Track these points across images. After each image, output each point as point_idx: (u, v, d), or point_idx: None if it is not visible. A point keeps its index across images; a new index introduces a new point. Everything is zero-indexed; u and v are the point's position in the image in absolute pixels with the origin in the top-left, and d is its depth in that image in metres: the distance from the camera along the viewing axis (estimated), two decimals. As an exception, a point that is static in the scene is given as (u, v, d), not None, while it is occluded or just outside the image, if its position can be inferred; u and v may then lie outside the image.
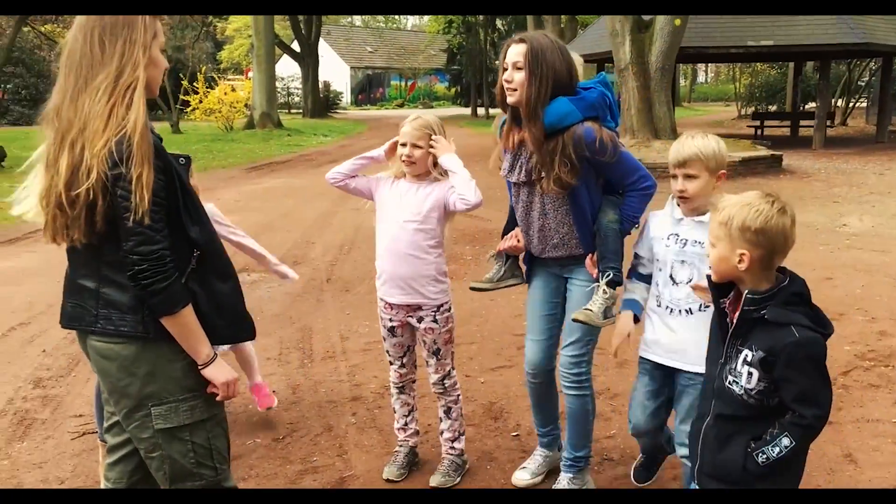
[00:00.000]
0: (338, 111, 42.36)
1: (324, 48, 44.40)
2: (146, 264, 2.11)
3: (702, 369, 2.66)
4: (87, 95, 2.14)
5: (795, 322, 2.19)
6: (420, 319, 3.57)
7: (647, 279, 3.15)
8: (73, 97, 2.16)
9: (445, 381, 3.68)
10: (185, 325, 2.21)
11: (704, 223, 2.84)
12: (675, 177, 2.96)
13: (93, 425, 4.06)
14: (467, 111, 40.41)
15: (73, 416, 4.37)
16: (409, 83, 52.68)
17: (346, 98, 49.59)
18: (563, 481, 3.50)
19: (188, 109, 27.80)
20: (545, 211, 3.28)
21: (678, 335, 2.97)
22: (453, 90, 43.67)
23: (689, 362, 2.94)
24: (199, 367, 2.28)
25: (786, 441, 2.20)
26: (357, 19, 57.66)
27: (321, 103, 38.75)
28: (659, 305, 3.05)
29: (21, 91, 36.13)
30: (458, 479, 3.65)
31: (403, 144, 3.49)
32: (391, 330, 3.66)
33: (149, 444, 2.30)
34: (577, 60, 3.23)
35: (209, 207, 4.00)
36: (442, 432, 3.74)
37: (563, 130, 3.09)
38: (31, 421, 4.33)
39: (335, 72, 49.47)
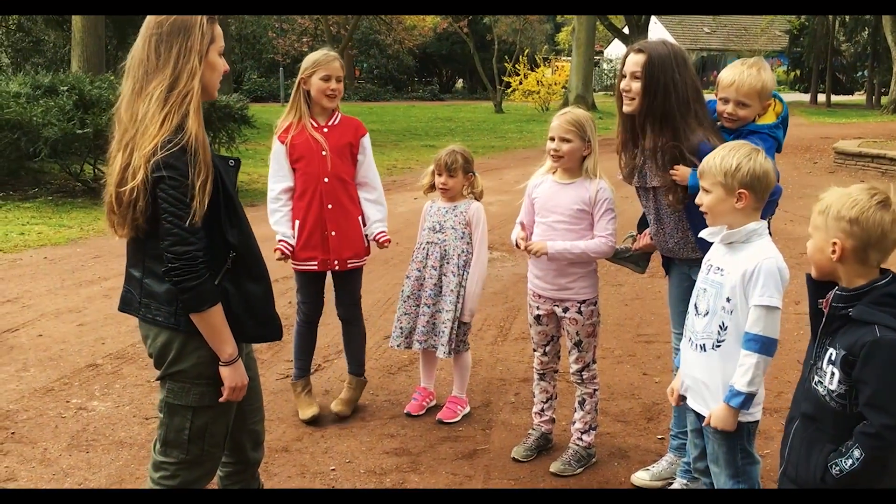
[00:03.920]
0: (664, 94, 41.41)
1: (658, 30, 43.58)
2: (179, 263, 2.28)
3: (705, 410, 2.55)
4: (141, 100, 2.30)
5: (880, 322, 2.10)
6: (565, 310, 3.70)
7: None
8: (130, 101, 2.34)
9: (584, 373, 3.77)
10: (212, 324, 2.37)
11: (734, 250, 2.63)
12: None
13: (299, 370, 4.71)
14: (806, 97, 37.31)
15: (287, 360, 5.09)
16: (748, 66, 49.74)
17: (677, 81, 48.22)
18: (676, 486, 3.44)
19: (509, 91, 29.07)
20: (660, 216, 3.31)
21: (692, 371, 2.74)
22: (791, 74, 40.56)
23: (699, 401, 2.73)
24: (220, 365, 2.43)
25: (857, 453, 2.11)
26: (697, -1, 55.42)
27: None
28: (685, 333, 2.86)
29: (373, 70, 40.26)
30: (580, 470, 3.73)
31: (552, 139, 3.62)
32: (537, 318, 3.82)
33: (160, 405, 2.54)
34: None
35: (475, 207, 4.25)
36: (574, 422, 3.84)
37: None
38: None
39: (667, 54, 48.24)
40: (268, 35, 33.19)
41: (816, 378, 2.23)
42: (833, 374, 2.17)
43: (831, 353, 2.19)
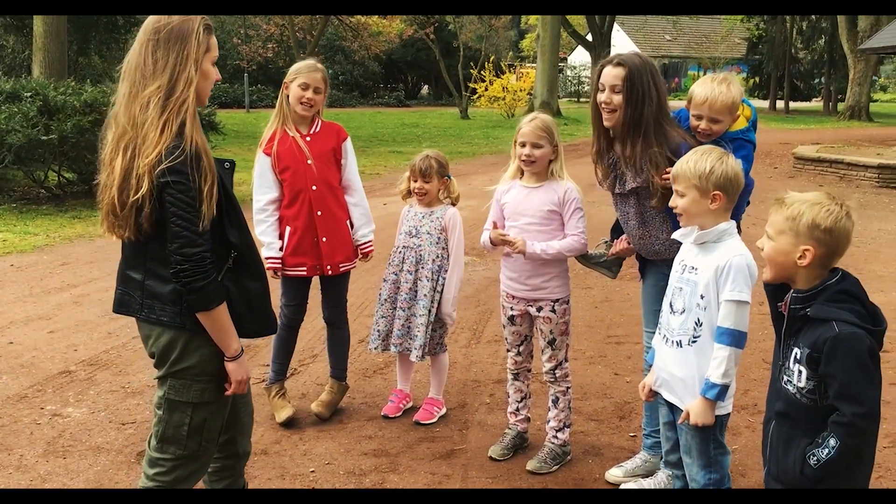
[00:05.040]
0: (627, 101, 41.84)
1: (620, 37, 44.05)
2: (188, 264, 2.34)
3: (680, 404, 2.66)
4: (136, 104, 2.33)
5: (837, 318, 2.21)
6: (539, 309, 3.79)
7: None
8: (127, 104, 2.36)
9: (557, 371, 3.86)
10: (218, 321, 2.44)
11: (707, 249, 2.76)
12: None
13: (274, 374, 4.73)
14: (765, 104, 38.00)
15: (263, 364, 5.11)
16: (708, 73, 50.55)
17: (639, 88, 48.79)
18: (661, 477, 3.52)
19: (474, 97, 29.24)
20: (644, 220, 3.41)
21: (668, 367, 2.88)
22: (751, 81, 41.32)
23: (675, 395, 2.87)
24: (226, 360, 2.51)
25: (832, 441, 2.21)
26: (659, 7, 56.19)
27: (609, 93, 38.52)
28: (660, 331, 2.99)
29: (339, 77, 40.16)
30: (555, 467, 3.81)
31: (523, 144, 3.70)
32: (511, 319, 3.90)
33: (158, 401, 2.58)
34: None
35: (451, 213, 4.29)
36: (548, 420, 3.92)
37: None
38: (228, 364, 5.13)
39: (630, 61, 48.78)
40: (232, 41, 32.98)
41: (786, 378, 2.34)
42: (801, 371, 2.28)
43: (796, 353, 2.30)
